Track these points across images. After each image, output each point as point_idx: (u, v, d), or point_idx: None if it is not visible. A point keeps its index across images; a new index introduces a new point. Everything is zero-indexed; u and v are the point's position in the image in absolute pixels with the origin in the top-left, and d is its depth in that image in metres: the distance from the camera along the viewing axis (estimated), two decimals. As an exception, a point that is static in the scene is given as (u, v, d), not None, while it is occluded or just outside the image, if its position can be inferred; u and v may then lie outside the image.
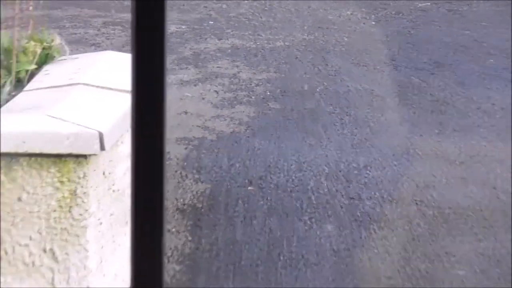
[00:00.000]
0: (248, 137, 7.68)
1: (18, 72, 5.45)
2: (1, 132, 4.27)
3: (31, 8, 6.46)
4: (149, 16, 1.06)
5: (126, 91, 4.30)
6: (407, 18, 11.69)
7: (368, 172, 7.02)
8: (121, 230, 4.65)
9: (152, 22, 1.06)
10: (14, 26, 5.83)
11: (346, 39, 10.90)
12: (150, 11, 1.05)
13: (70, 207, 4.50)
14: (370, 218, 6.42)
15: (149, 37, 1.05)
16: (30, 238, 4.60)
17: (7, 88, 5.15)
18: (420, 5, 12.22)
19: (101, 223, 4.59)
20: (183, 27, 10.74)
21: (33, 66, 5.31)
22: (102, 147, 4.29)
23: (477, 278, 5.39)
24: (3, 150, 4.40)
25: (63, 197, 4.41)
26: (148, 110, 1.08)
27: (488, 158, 7.10)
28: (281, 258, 5.85)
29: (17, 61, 5.49)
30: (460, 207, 6.50)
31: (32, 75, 5.27)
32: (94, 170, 4.39)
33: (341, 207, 6.55)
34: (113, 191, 4.55)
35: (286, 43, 10.61)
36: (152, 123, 1.07)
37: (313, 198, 6.67)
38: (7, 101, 4.99)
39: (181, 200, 6.61)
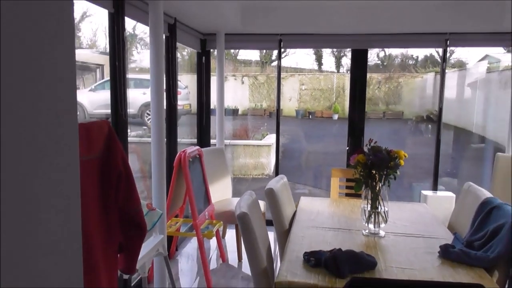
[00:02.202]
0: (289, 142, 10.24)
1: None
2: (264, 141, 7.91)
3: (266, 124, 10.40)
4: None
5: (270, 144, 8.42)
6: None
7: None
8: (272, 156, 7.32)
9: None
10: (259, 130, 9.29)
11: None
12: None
13: (268, 151, 7.26)
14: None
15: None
16: (264, 157, 7.91)
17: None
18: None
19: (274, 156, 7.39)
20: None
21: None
22: (272, 143, 7.50)
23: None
24: (265, 143, 7.73)
25: (266, 150, 7.34)
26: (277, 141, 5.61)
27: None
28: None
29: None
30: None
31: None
32: (270, 146, 7.36)
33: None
34: (273, 149, 6.79)
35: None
36: (277, 145, 5.68)
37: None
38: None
39: (280, 148, 8.63)
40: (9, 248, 0.58)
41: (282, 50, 4.55)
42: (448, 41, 4.23)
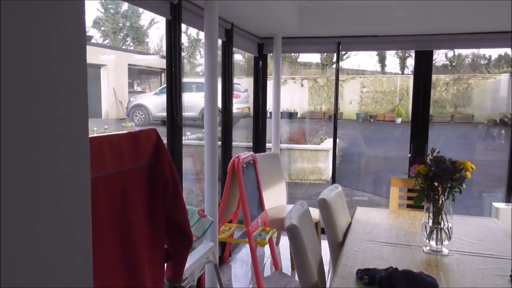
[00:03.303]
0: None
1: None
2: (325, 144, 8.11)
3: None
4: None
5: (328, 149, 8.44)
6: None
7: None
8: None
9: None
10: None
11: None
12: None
13: (326, 156, 6.87)
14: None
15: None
16: (322, 162, 8.11)
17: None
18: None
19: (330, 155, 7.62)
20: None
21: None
22: (330, 148, 7.34)
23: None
24: (325, 148, 7.88)
25: (324, 155, 7.04)
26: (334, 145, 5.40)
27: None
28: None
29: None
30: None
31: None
32: (328, 151, 6.94)
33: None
34: (331, 154, 6.07)
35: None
36: (334, 150, 5.45)
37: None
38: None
39: (339, 153, 8.56)
40: (14, 250, 0.57)
41: (343, 52, 4.38)
42: (524, 40, 3.85)
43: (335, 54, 4.45)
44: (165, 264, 1.79)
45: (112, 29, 11.68)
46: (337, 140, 4.86)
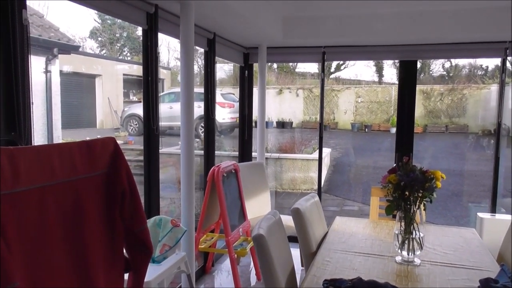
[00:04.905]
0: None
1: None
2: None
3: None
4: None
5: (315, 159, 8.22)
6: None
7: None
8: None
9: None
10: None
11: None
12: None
13: (314, 165, 7.84)
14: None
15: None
16: (313, 172, 8.06)
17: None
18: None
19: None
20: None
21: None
22: (324, 157, 7.63)
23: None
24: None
25: (317, 164, 8.14)
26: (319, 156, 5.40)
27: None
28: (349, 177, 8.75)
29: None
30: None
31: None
32: (316, 160, 8.18)
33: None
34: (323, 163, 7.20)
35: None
36: (320, 160, 5.42)
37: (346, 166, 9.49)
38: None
39: (332, 163, 8.88)
40: None
41: (341, 62, 4.40)
42: (507, 50, 3.84)
43: (333, 64, 4.45)
44: (127, 275, 1.76)
45: (109, 39, 11.74)
46: (324, 150, 4.83)
